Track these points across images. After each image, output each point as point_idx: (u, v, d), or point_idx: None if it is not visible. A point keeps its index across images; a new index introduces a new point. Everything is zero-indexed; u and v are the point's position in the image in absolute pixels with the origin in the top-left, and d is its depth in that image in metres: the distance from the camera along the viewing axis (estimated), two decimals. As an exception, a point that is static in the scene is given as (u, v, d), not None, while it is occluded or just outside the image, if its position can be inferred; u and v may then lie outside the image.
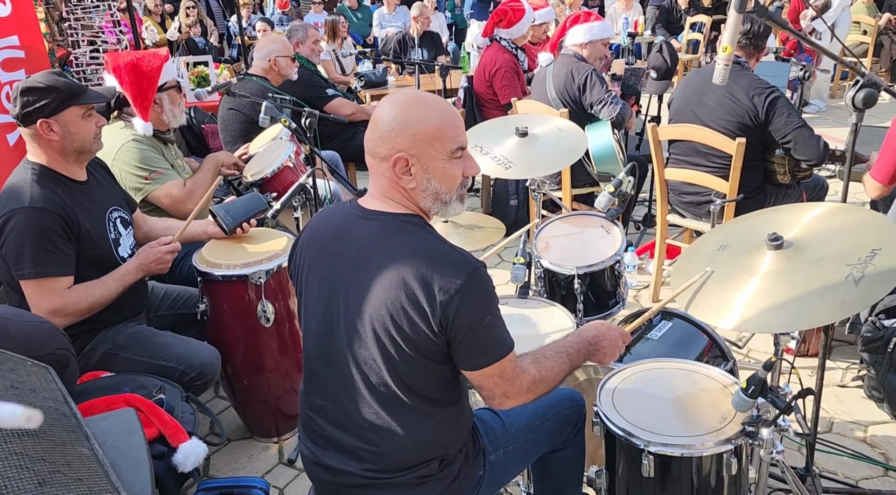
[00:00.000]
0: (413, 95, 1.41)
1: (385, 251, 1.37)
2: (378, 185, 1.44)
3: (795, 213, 1.88)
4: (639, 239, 4.22)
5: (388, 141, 1.37)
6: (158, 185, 2.63)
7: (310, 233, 1.54)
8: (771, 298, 1.67)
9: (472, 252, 1.47)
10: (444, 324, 1.32)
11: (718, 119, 3.14)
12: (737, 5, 1.76)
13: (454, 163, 1.41)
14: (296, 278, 1.57)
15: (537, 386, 1.46)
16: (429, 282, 1.31)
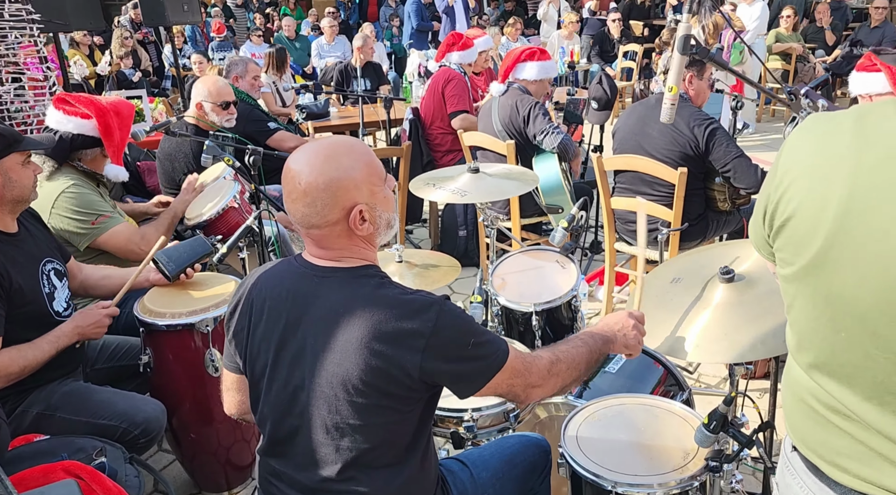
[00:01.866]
0: (323, 150, 1.35)
1: (349, 310, 1.32)
2: (333, 250, 1.38)
3: (745, 248, 1.93)
4: (587, 266, 4.28)
5: (335, 203, 1.32)
6: (106, 230, 2.51)
7: (258, 296, 1.45)
8: (724, 330, 1.71)
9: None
10: (425, 369, 1.28)
11: (662, 149, 3.23)
12: (680, 48, 1.81)
13: (387, 186, 1.41)
14: (241, 343, 1.47)
15: (557, 366, 1.44)
16: (400, 334, 1.28)
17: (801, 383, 1.06)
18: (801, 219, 0.95)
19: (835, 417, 1.01)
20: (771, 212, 1.00)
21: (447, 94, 4.32)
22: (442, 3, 8.66)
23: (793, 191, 0.95)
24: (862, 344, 0.93)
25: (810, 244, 0.94)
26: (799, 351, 1.06)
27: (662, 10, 10.30)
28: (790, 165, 0.97)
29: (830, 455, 1.03)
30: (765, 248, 1.09)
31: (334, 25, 8.49)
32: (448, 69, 4.43)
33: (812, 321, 1.00)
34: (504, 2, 12.88)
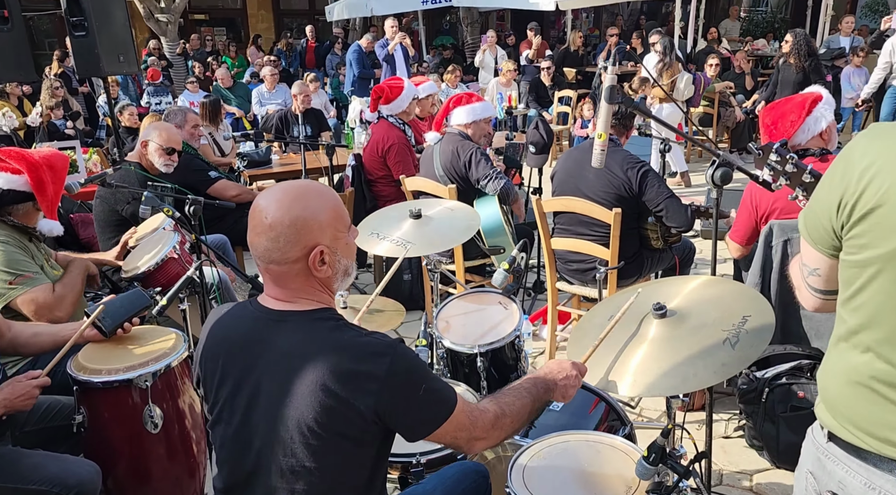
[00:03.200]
0: (294, 190, 1.40)
1: (305, 353, 1.34)
2: (289, 289, 1.40)
3: (677, 285, 2.02)
4: (531, 306, 4.35)
5: (298, 241, 1.35)
6: (24, 290, 2.41)
7: (213, 342, 1.47)
8: (658, 364, 1.77)
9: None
10: (379, 411, 1.30)
11: (598, 191, 3.36)
12: (607, 97, 1.92)
13: (350, 234, 1.45)
14: (204, 388, 1.50)
15: (502, 421, 1.46)
16: (356, 376, 1.30)
17: (858, 367, 1.18)
18: (892, 206, 1.06)
19: (893, 392, 1.13)
20: (853, 200, 1.11)
21: (391, 162, 4.37)
22: (382, 51, 8.83)
23: (879, 182, 1.07)
24: None
25: None
26: (867, 330, 1.16)
27: (594, 58, 10.78)
28: (870, 162, 1.09)
29: (884, 431, 1.14)
30: (825, 242, 1.21)
31: (275, 73, 8.54)
32: (385, 125, 4.47)
33: (893, 298, 1.10)
34: (443, 50, 13.24)
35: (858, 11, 14.68)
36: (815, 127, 2.86)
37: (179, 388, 2.25)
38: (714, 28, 11.87)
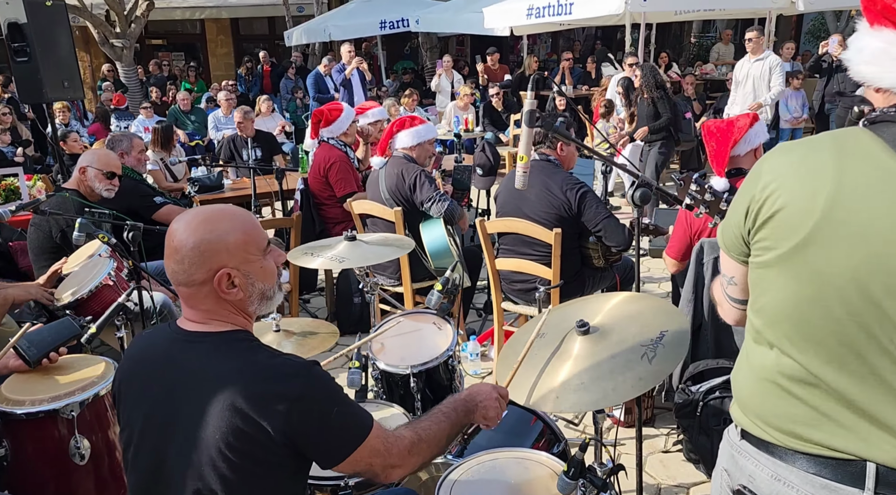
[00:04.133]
0: (204, 213, 1.41)
1: (216, 374, 1.34)
2: (201, 310, 1.41)
3: (600, 302, 2.08)
4: (481, 326, 4.39)
5: (204, 263, 1.36)
6: None
7: (129, 363, 1.47)
8: (581, 380, 1.81)
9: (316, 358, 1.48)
10: (289, 433, 1.29)
11: (539, 211, 3.43)
12: (527, 121, 1.99)
13: (267, 258, 1.45)
14: (118, 412, 1.49)
15: (418, 446, 1.46)
16: (266, 397, 1.29)
17: (765, 364, 1.26)
18: (791, 210, 1.16)
19: (797, 387, 1.20)
20: (757, 208, 1.21)
21: (332, 180, 4.39)
22: (339, 76, 8.90)
23: (783, 190, 1.17)
24: (835, 312, 1.14)
25: (800, 229, 1.15)
26: (770, 328, 1.24)
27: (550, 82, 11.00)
28: (776, 173, 1.20)
29: (788, 425, 1.22)
30: (737, 249, 1.31)
31: (231, 98, 8.52)
32: (327, 147, 4.50)
33: (794, 295, 1.19)
34: (403, 74, 13.37)
35: (802, 38, 15.31)
36: (755, 140, 2.99)
37: (109, 419, 2.21)
38: (665, 53, 12.24)
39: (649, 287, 5.10)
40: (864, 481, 1.15)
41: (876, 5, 1.15)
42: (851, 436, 1.16)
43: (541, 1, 8.83)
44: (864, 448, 1.15)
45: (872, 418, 1.14)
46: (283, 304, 4.28)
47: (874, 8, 1.15)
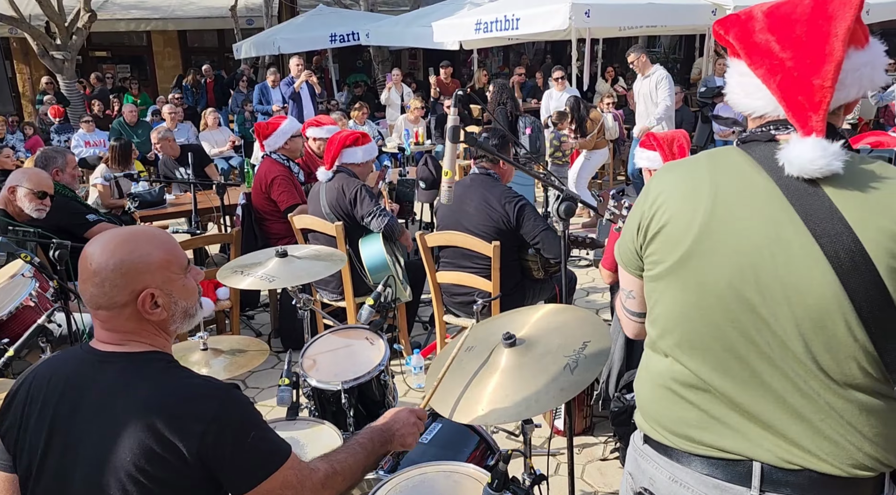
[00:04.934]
0: (121, 235, 1.40)
1: (130, 394, 1.31)
2: (121, 332, 1.38)
3: (528, 314, 2.11)
4: (426, 339, 4.39)
5: (126, 285, 1.34)
6: None
7: (34, 386, 1.41)
8: (506, 391, 1.83)
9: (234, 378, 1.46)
10: (202, 455, 1.27)
11: (479, 224, 3.47)
12: (450, 137, 2.01)
13: (188, 276, 1.44)
14: (12, 438, 1.41)
15: (333, 480, 1.43)
16: (180, 418, 1.27)
17: (661, 371, 1.32)
18: (675, 225, 1.23)
19: (689, 392, 1.26)
20: (646, 224, 1.28)
21: (275, 195, 4.35)
22: (288, 89, 8.84)
23: (666, 206, 1.25)
24: (717, 319, 1.20)
25: (683, 242, 1.22)
26: (663, 338, 1.30)
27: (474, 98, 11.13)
28: (661, 190, 1.27)
29: (682, 428, 1.28)
30: (633, 263, 1.37)
31: (176, 112, 8.38)
32: (269, 161, 4.47)
33: (680, 305, 1.25)
34: (355, 87, 13.37)
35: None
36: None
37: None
38: (611, 68, 12.53)
39: (594, 296, 5.19)
40: (750, 480, 1.20)
41: (727, 41, 1.24)
42: (739, 437, 1.21)
43: (488, 16, 8.96)
44: (750, 448, 1.20)
45: (757, 419, 1.19)
46: (223, 322, 4.22)
47: (726, 43, 1.24)
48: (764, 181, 1.17)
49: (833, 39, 1.11)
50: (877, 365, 1.12)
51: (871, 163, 1.15)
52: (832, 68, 1.10)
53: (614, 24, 9.39)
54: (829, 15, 1.13)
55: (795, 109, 1.14)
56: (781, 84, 1.15)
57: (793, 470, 1.17)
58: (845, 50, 1.11)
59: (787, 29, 1.16)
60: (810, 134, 1.12)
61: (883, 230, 1.08)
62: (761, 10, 1.22)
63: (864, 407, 1.14)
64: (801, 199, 1.13)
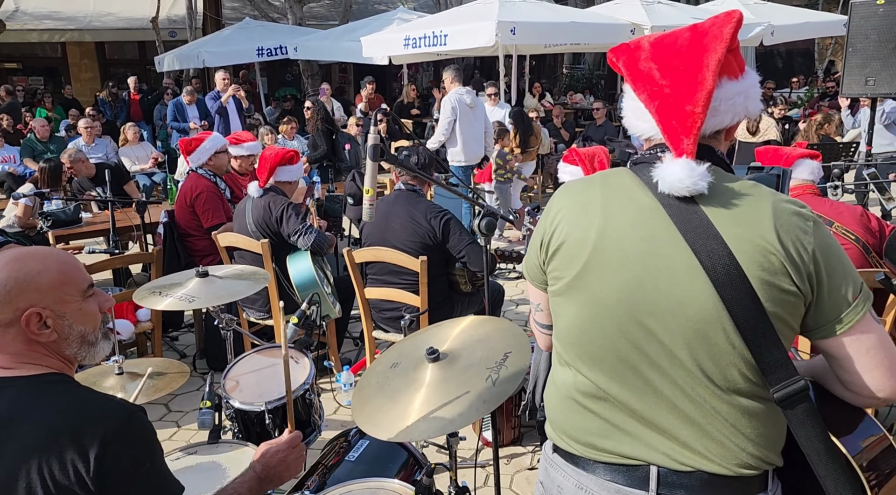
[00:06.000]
0: (13, 254, 1.35)
1: (27, 419, 1.26)
2: (8, 354, 1.33)
3: (451, 327, 2.14)
4: (357, 355, 4.37)
5: (9, 303, 1.30)
6: None
7: None
8: (431, 406, 1.85)
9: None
10: (97, 477, 1.23)
11: (405, 240, 3.49)
12: (371, 155, 2.03)
13: (89, 301, 1.40)
14: None
15: None
16: (80, 438, 1.23)
17: (566, 382, 1.37)
18: (572, 242, 1.29)
19: (591, 402, 1.32)
20: (547, 241, 1.35)
21: (200, 210, 4.26)
22: (214, 103, 8.65)
23: (564, 223, 1.31)
24: (610, 331, 1.27)
25: (579, 258, 1.28)
26: (566, 350, 1.36)
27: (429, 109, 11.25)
28: (559, 209, 1.34)
29: (586, 437, 1.33)
30: (538, 278, 1.43)
31: (93, 126, 8.07)
32: (195, 177, 4.38)
33: (579, 319, 1.31)
34: (284, 101, 13.21)
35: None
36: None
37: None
38: (539, 83, 12.88)
39: (523, 308, 5.29)
40: (648, 484, 1.26)
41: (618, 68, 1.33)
42: (637, 443, 1.28)
43: (417, 32, 9.06)
44: (648, 453, 1.27)
45: (652, 425, 1.27)
46: (145, 345, 4.07)
47: (618, 69, 1.33)
48: (649, 200, 1.25)
49: (705, 70, 1.20)
50: (755, 371, 1.20)
51: (743, 183, 1.25)
52: (703, 96, 1.19)
53: (539, 42, 9.67)
54: (703, 47, 1.22)
55: (670, 132, 1.23)
56: (659, 108, 1.24)
57: (686, 472, 1.25)
58: (716, 80, 1.20)
59: (667, 59, 1.25)
60: (682, 155, 1.20)
61: (753, 245, 1.17)
62: (648, 40, 1.31)
63: (746, 411, 1.22)
64: (681, 217, 1.21)
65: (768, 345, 1.18)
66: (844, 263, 1.21)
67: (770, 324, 1.17)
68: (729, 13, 1.25)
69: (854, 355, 1.21)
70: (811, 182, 2.85)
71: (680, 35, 1.27)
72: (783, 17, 11.03)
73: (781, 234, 1.17)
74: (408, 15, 11.54)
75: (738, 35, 1.24)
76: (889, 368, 1.21)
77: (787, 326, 1.20)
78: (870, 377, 1.21)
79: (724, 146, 1.33)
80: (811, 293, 1.18)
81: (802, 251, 1.17)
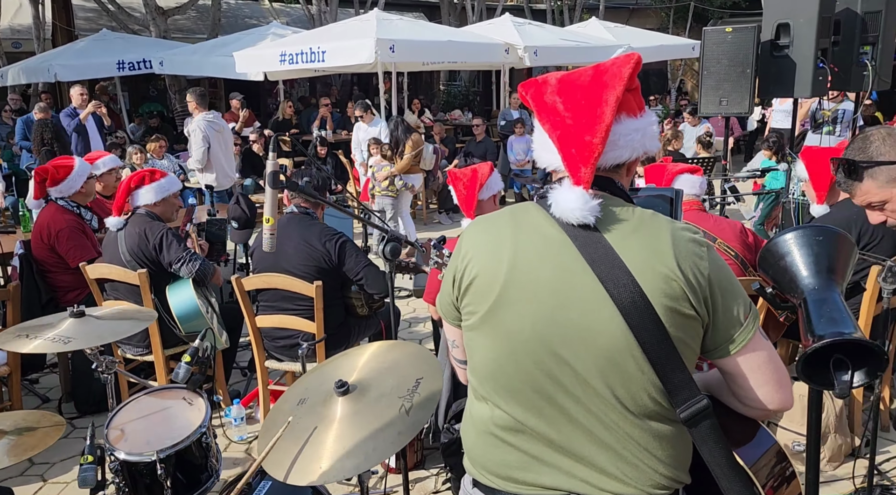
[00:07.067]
0: None
1: None
2: None
3: (357, 356, 2.06)
4: (246, 386, 4.15)
5: None
6: None
7: None
8: (343, 444, 1.77)
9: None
10: None
11: (299, 265, 3.36)
12: (270, 182, 1.93)
13: None
14: None
15: None
16: None
17: (483, 417, 1.37)
18: (483, 278, 1.31)
19: (509, 435, 1.33)
20: (459, 278, 1.35)
21: (62, 250, 3.81)
22: (71, 121, 7.95)
23: (476, 260, 1.33)
24: (525, 363, 1.28)
25: (491, 293, 1.29)
26: (481, 385, 1.37)
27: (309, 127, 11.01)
28: (470, 246, 1.35)
29: (505, 471, 1.33)
30: (452, 315, 1.43)
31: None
32: (54, 208, 3.93)
33: (493, 352, 1.32)
34: (149, 118, 12.42)
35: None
36: (496, 187, 3.28)
37: None
38: (417, 99, 12.99)
39: (416, 328, 5.27)
40: None
41: (527, 100, 1.36)
42: (556, 473, 1.30)
43: (293, 47, 8.86)
44: (567, 481, 1.29)
45: (570, 453, 1.29)
46: (0, 391, 3.63)
47: (527, 102, 1.37)
48: (556, 232, 1.28)
49: (604, 105, 1.26)
50: (662, 394, 1.26)
51: (643, 212, 1.31)
52: (602, 129, 1.25)
53: (419, 60, 9.77)
54: (603, 84, 1.28)
55: (569, 160, 1.27)
56: (560, 137, 1.29)
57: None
58: (614, 115, 1.26)
59: (571, 93, 1.30)
60: (580, 184, 1.25)
61: (656, 272, 1.22)
62: (556, 77, 1.35)
63: (657, 434, 1.28)
64: (588, 248, 1.25)
65: (673, 368, 1.23)
66: (735, 285, 1.29)
67: (674, 347, 1.22)
68: (628, 55, 1.32)
69: (747, 372, 1.29)
70: (695, 197, 3.05)
71: (584, 73, 1.33)
72: (641, 40, 11.91)
73: (680, 261, 1.23)
74: (282, 30, 11.26)
75: (636, 76, 1.30)
76: (778, 382, 1.30)
77: (689, 348, 1.26)
78: (762, 391, 1.30)
79: (626, 180, 1.38)
80: (707, 315, 1.26)
81: (700, 276, 1.23)
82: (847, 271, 1.82)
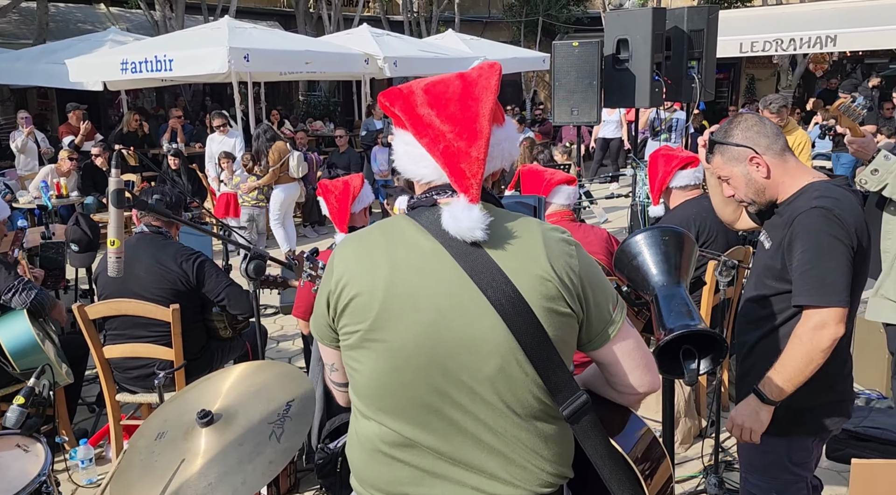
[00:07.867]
0: None
1: None
2: None
3: (221, 381, 1.92)
4: (94, 423, 3.79)
5: None
6: None
7: None
8: (208, 480, 1.64)
9: None
10: None
11: (152, 288, 3.11)
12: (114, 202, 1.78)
13: None
14: None
15: None
16: None
17: (370, 436, 1.34)
18: (361, 298, 1.27)
19: (398, 452, 1.30)
20: (335, 299, 1.30)
21: None
22: None
23: (351, 280, 1.28)
24: (410, 379, 1.26)
25: (370, 312, 1.26)
26: (365, 404, 1.33)
27: (158, 140, 10.33)
28: (345, 266, 1.31)
29: (397, 488, 1.31)
30: (328, 336, 1.38)
31: None
32: None
33: (376, 371, 1.28)
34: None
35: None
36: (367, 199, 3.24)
37: None
38: (276, 110, 12.63)
39: (284, 345, 5.10)
40: None
41: (393, 113, 1.34)
42: (448, 484, 1.29)
43: (136, 55, 8.30)
44: (458, 491, 1.29)
45: (461, 463, 1.29)
46: None
47: (392, 114, 1.35)
48: (432, 244, 1.27)
49: (481, 118, 1.27)
50: (546, 393, 1.29)
51: (513, 217, 1.34)
52: (483, 143, 1.26)
53: (275, 69, 9.51)
54: (475, 97, 1.29)
55: (458, 176, 1.27)
56: (445, 152, 1.27)
57: None
58: (491, 127, 1.28)
59: (443, 105, 1.29)
60: (473, 200, 1.25)
61: (533, 276, 1.25)
62: (419, 86, 1.33)
63: (543, 434, 1.31)
64: (465, 258, 1.25)
65: (554, 368, 1.26)
66: (602, 280, 1.35)
67: (554, 347, 1.26)
68: (491, 64, 1.34)
69: (620, 359, 1.35)
70: (566, 207, 3.16)
71: (450, 82, 1.32)
72: (496, 52, 12.37)
73: (553, 262, 1.26)
74: (122, 37, 10.51)
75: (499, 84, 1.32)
76: (646, 366, 1.38)
77: (568, 346, 1.30)
78: (633, 376, 1.37)
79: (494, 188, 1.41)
80: (582, 312, 1.30)
81: (572, 274, 1.27)
82: (690, 267, 1.98)
